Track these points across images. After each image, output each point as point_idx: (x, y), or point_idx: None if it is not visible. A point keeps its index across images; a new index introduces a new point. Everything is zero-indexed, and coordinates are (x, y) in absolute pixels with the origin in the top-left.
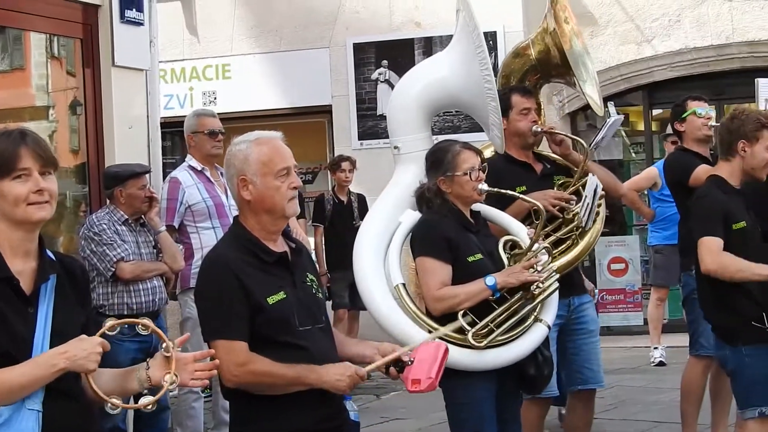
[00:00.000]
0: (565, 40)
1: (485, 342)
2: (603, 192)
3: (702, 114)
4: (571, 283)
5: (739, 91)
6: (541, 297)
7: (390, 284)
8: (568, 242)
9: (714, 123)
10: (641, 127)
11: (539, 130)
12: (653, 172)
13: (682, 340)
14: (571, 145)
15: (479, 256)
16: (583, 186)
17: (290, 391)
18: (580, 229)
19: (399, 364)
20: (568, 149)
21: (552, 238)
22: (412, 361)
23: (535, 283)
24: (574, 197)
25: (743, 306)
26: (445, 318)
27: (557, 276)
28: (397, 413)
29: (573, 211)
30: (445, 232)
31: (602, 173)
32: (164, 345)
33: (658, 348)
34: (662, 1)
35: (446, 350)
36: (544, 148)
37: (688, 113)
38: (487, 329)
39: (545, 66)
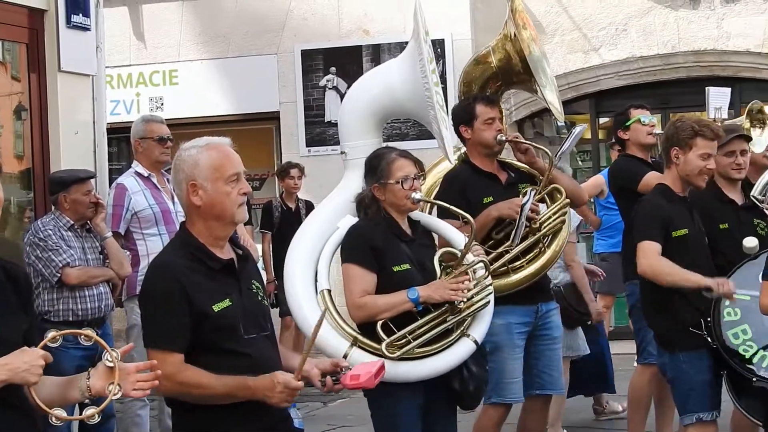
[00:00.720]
0: (525, 46)
1: (398, 353)
2: (568, 200)
3: (646, 122)
4: (541, 289)
5: (685, 100)
6: (468, 311)
7: (317, 290)
8: (535, 250)
9: (658, 131)
10: (588, 135)
11: (504, 139)
12: (600, 180)
13: (628, 347)
14: (535, 154)
15: (406, 266)
16: (550, 195)
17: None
18: (548, 237)
19: (335, 375)
20: (533, 158)
21: (522, 246)
22: (349, 368)
23: (459, 300)
24: (539, 207)
25: (682, 312)
26: (367, 326)
27: (491, 291)
28: (344, 420)
29: (540, 219)
30: (372, 240)
31: (567, 181)
32: (106, 355)
33: None
34: (609, 11)
35: (382, 366)
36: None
37: (633, 121)
38: (404, 340)
39: (506, 73)
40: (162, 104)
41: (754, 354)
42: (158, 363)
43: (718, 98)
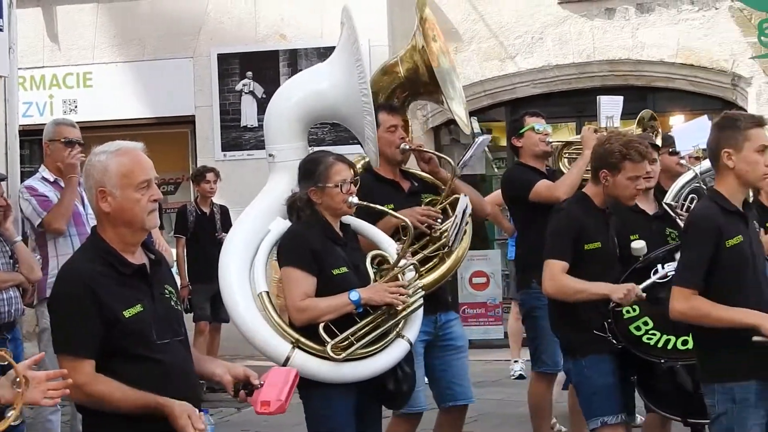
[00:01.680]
0: (434, 58)
1: (344, 355)
2: (470, 210)
3: (540, 130)
4: (438, 299)
5: None
6: (405, 313)
7: (254, 293)
8: (435, 260)
9: (551, 139)
10: (504, 142)
11: (407, 147)
12: None
13: None
14: (439, 163)
15: (344, 269)
16: (451, 204)
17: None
18: (447, 247)
19: (248, 387)
20: (436, 167)
21: (419, 256)
22: (261, 384)
23: (399, 303)
24: (441, 215)
25: (586, 316)
26: (307, 329)
27: (422, 293)
28: (259, 426)
29: (440, 228)
30: (312, 244)
31: (469, 192)
32: (14, 376)
33: (518, 361)
34: (525, 19)
35: (296, 375)
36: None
37: (526, 129)
38: (347, 342)
39: (413, 83)
40: (76, 107)
41: (659, 340)
42: (69, 370)
43: (611, 107)
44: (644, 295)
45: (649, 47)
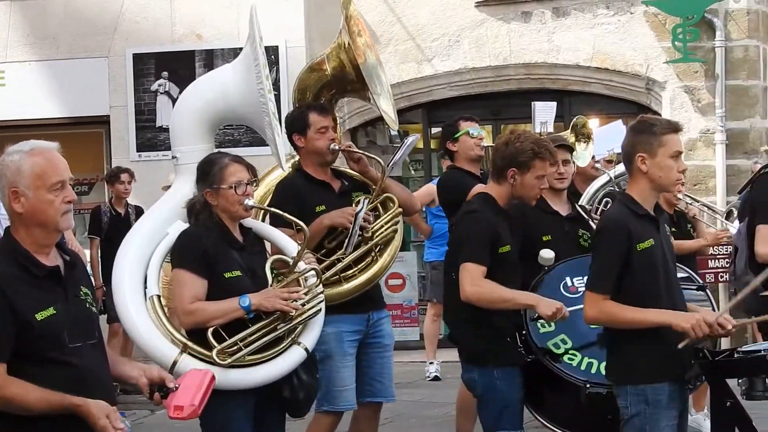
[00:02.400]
0: (359, 54)
1: (230, 360)
2: (400, 209)
3: (475, 135)
4: (371, 298)
5: (516, 111)
6: (300, 320)
7: (146, 295)
8: (368, 259)
9: (486, 143)
10: (420, 144)
11: (337, 148)
12: (431, 189)
13: (457, 355)
14: (368, 163)
15: (238, 272)
16: (382, 203)
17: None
18: (380, 246)
19: (163, 390)
20: (365, 167)
21: (349, 259)
22: (177, 387)
23: (289, 311)
24: (371, 216)
25: (500, 324)
26: (197, 333)
27: (322, 299)
28: (172, 429)
29: (372, 228)
30: (204, 246)
31: (399, 190)
32: None
33: (434, 363)
34: (442, 22)
35: (212, 378)
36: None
37: (461, 133)
38: (235, 347)
39: (340, 81)
40: None
41: (581, 362)
42: None
43: (545, 112)
44: (568, 315)
45: (565, 51)
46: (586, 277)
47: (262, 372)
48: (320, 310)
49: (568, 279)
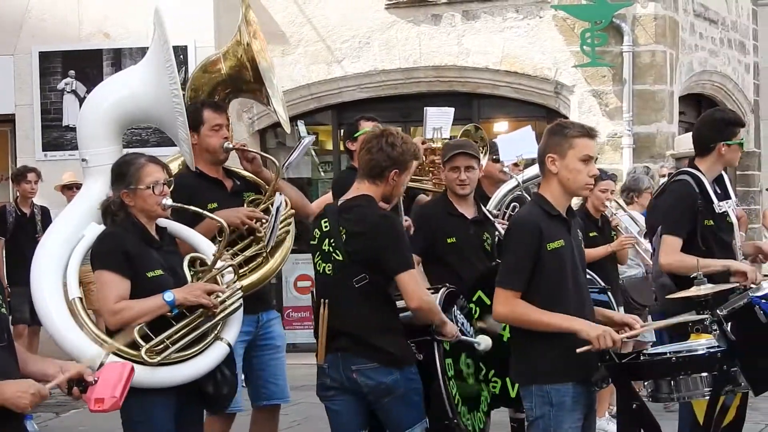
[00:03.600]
0: (260, 55)
1: (158, 359)
2: (293, 211)
3: None
4: (261, 299)
5: None
6: (222, 315)
7: (67, 299)
8: (258, 259)
9: None
10: (330, 146)
11: (231, 146)
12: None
13: None
14: (263, 163)
15: (160, 271)
16: (273, 204)
17: None
18: (271, 247)
19: (82, 384)
20: (259, 167)
21: (240, 258)
22: (96, 381)
23: (213, 303)
24: (265, 216)
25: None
26: (119, 333)
27: (241, 294)
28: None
29: (264, 228)
30: (125, 246)
31: (292, 192)
32: None
33: None
34: (353, 23)
35: (132, 370)
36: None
37: (361, 133)
38: (162, 345)
39: (236, 80)
40: None
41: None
42: None
43: (439, 118)
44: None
45: (475, 54)
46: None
47: (189, 368)
48: (240, 305)
49: (456, 311)
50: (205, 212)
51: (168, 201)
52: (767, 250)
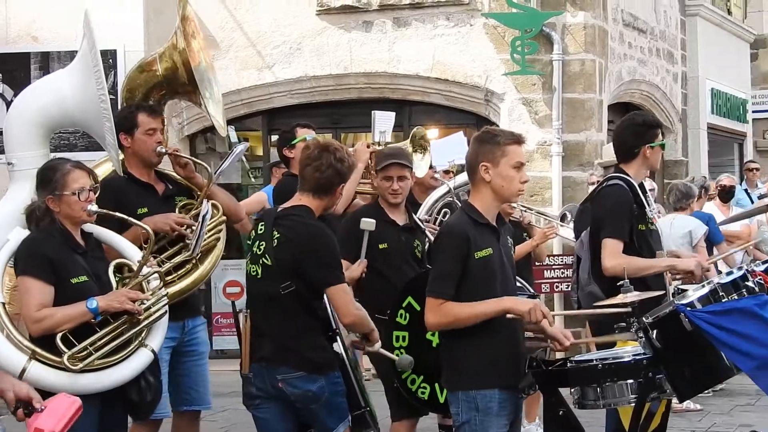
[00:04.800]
0: (194, 56)
1: (81, 365)
2: (224, 217)
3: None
4: (187, 305)
5: (356, 120)
6: (147, 322)
7: None
8: (188, 266)
9: None
10: (260, 152)
11: (164, 151)
12: (262, 197)
13: None
14: (194, 169)
15: (84, 278)
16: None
17: None
18: (201, 253)
19: (29, 408)
20: (192, 173)
21: (170, 264)
22: (42, 409)
23: (137, 309)
24: (194, 223)
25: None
26: (44, 340)
27: (166, 301)
28: None
29: (191, 236)
30: (49, 252)
31: (224, 197)
32: None
33: None
34: (284, 29)
35: (80, 407)
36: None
37: (298, 140)
38: (85, 352)
39: (171, 82)
40: None
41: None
42: None
43: (384, 122)
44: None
45: (406, 61)
46: None
47: (113, 375)
48: (165, 312)
49: None
50: (130, 219)
51: (93, 207)
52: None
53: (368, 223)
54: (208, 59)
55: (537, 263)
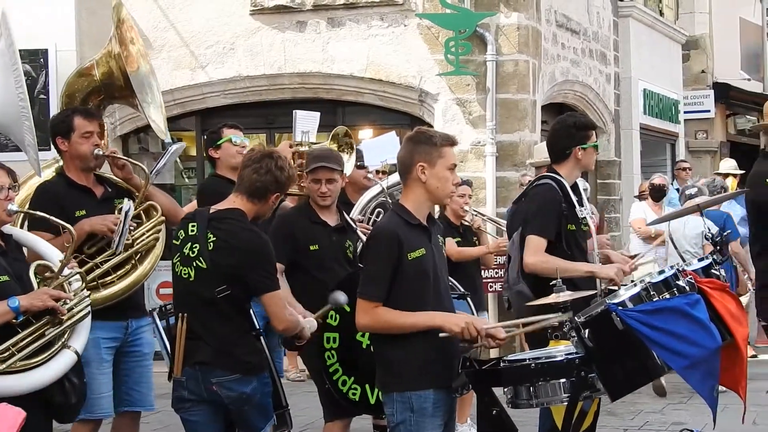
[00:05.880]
0: (131, 61)
1: (2, 367)
2: (163, 217)
3: (237, 142)
4: (132, 305)
5: (290, 120)
6: (70, 322)
7: None
8: (127, 266)
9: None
10: (194, 152)
11: (101, 153)
12: None
13: None
14: (132, 170)
15: (5, 278)
16: (145, 211)
17: None
18: (140, 254)
19: None
20: (130, 174)
21: (108, 265)
22: None
23: (60, 309)
24: (134, 223)
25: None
26: None
27: (89, 302)
28: None
29: (134, 235)
30: None
31: (163, 198)
32: None
33: None
34: (217, 29)
35: (24, 418)
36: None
37: (224, 140)
38: (7, 353)
39: (109, 87)
40: None
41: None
42: None
43: (307, 122)
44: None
45: (340, 61)
46: None
47: (35, 377)
48: (88, 313)
49: None
50: (50, 217)
51: (13, 207)
52: (615, 260)
53: (337, 299)
54: (148, 64)
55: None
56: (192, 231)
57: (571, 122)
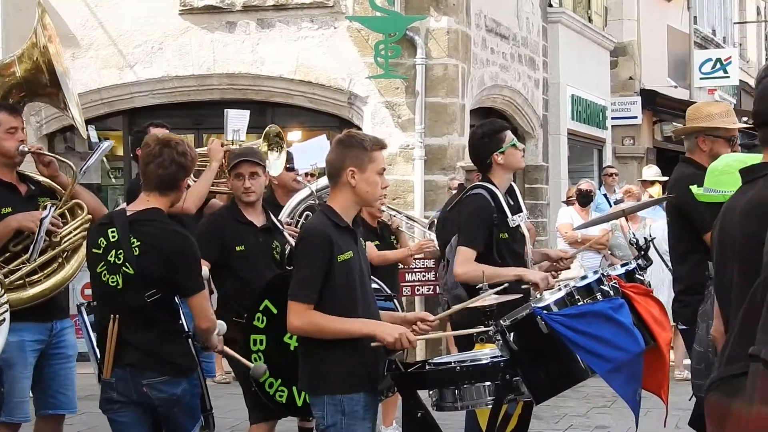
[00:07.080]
0: (57, 59)
1: None
2: (89, 216)
3: None
4: (55, 306)
5: (219, 122)
6: None
7: None
8: (54, 265)
9: None
10: (121, 152)
11: (27, 149)
12: None
13: None
14: (58, 167)
15: None
16: (70, 209)
17: None
18: (67, 252)
19: None
20: (56, 171)
21: (35, 264)
22: None
23: None
24: (61, 221)
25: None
26: None
27: (7, 308)
28: None
29: (61, 233)
30: None
31: (88, 197)
32: None
33: None
34: (146, 28)
35: None
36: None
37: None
38: None
39: (32, 84)
40: None
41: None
42: None
43: (237, 120)
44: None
45: (269, 63)
46: None
47: None
48: (5, 319)
49: None
50: None
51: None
52: (554, 256)
53: (258, 371)
54: (63, 64)
55: (400, 266)
56: (113, 237)
57: (480, 133)
